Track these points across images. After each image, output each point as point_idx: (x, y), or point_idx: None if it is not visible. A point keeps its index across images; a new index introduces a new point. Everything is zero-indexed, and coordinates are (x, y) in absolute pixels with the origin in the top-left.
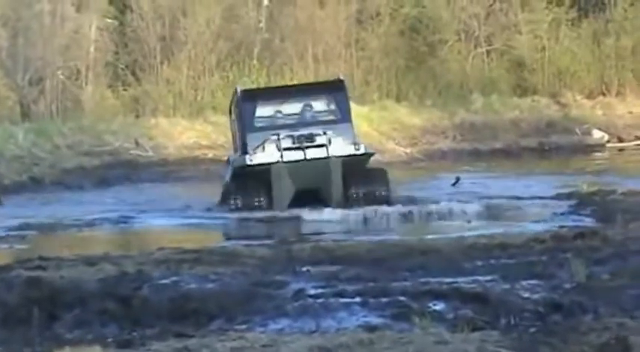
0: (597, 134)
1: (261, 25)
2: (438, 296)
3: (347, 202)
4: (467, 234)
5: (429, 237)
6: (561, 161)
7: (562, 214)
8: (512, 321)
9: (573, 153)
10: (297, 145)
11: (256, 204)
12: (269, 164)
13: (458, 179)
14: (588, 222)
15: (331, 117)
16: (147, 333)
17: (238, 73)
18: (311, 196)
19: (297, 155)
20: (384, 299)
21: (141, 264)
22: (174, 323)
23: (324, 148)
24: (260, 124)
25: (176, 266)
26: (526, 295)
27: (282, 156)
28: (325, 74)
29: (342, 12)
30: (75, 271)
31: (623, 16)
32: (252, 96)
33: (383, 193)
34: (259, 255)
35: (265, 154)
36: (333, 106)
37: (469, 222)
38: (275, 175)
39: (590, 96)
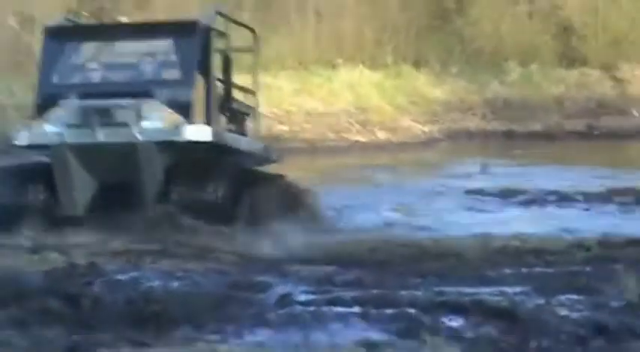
0: None
1: None
2: (454, 309)
3: (166, 206)
4: (495, 235)
5: (448, 237)
6: (614, 149)
7: (612, 215)
8: (546, 344)
9: (629, 139)
10: (87, 122)
11: (32, 202)
12: (46, 146)
13: (485, 166)
14: None
15: (168, 78)
16: (97, 339)
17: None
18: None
19: (88, 136)
20: (389, 311)
21: (94, 255)
22: (130, 329)
23: (129, 128)
24: (62, 81)
25: (136, 259)
26: (564, 313)
27: (65, 136)
28: (329, 32)
29: None
30: (14, 260)
31: None
32: (61, 37)
33: (219, 201)
34: (239, 250)
35: (43, 132)
36: (175, 60)
37: None
38: (57, 162)
39: None
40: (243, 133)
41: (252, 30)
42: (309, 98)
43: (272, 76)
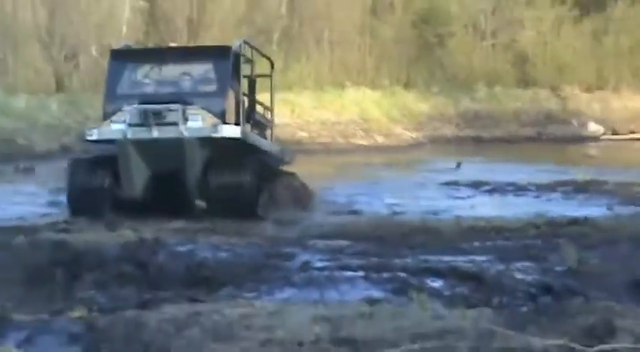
0: (593, 126)
1: (282, 12)
2: (436, 273)
3: (206, 192)
4: (466, 216)
5: (431, 218)
6: (558, 151)
7: (557, 201)
8: (505, 300)
9: (569, 143)
10: (144, 121)
11: (100, 185)
12: (112, 141)
13: (460, 163)
14: (581, 209)
15: (207, 90)
16: (162, 297)
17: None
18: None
19: (145, 132)
20: (386, 275)
21: (159, 232)
22: (187, 289)
23: (176, 127)
24: (124, 91)
25: (192, 235)
26: (519, 276)
27: (127, 133)
28: (339, 61)
29: (357, 2)
30: (97, 235)
31: (623, 15)
32: (123, 57)
33: (247, 185)
34: (270, 229)
35: (110, 129)
36: (212, 77)
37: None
38: (121, 154)
39: (588, 90)
40: (264, 138)
41: (269, 59)
42: (324, 111)
43: (295, 94)
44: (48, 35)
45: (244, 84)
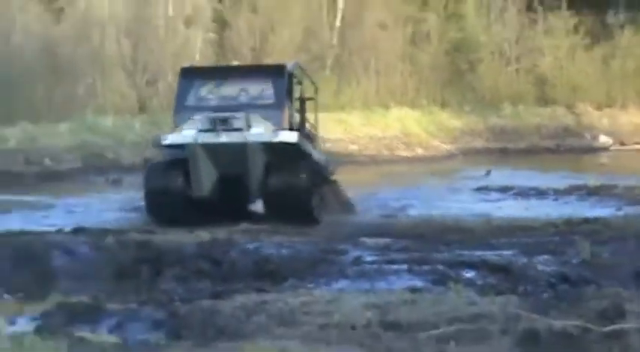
0: (603, 138)
1: (334, 42)
2: (469, 266)
3: (266, 192)
4: (495, 216)
5: (465, 218)
6: (573, 160)
7: (572, 204)
8: (529, 288)
9: (583, 153)
10: (212, 127)
11: (173, 185)
12: (184, 145)
13: (489, 171)
14: (593, 210)
15: (266, 102)
16: (233, 288)
17: None
18: (237, 184)
19: (213, 137)
20: (426, 267)
21: (230, 233)
22: (255, 281)
23: (241, 132)
24: (192, 104)
25: (258, 235)
26: (541, 268)
27: (197, 138)
28: (384, 85)
29: (399, 34)
30: (177, 236)
31: (628, 43)
32: (191, 74)
33: (303, 186)
34: (325, 228)
35: (182, 135)
36: (270, 91)
37: None
38: (191, 156)
39: (599, 107)
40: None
41: (314, 84)
42: (371, 128)
43: (346, 113)
44: (132, 63)
45: (295, 103)
